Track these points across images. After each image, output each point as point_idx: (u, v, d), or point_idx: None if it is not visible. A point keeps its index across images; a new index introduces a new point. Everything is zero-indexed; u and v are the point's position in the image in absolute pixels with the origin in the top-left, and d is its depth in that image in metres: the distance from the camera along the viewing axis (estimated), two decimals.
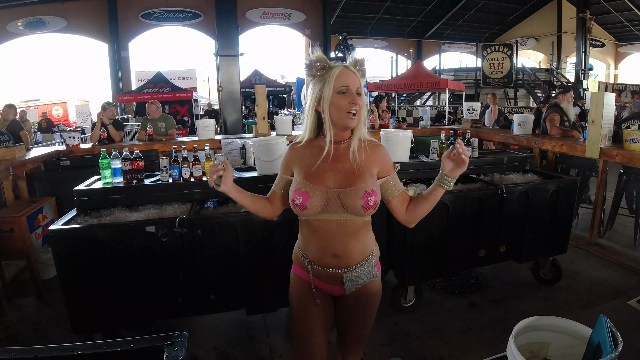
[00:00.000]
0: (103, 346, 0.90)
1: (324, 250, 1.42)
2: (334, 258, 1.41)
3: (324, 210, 1.37)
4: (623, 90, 13.56)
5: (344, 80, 1.34)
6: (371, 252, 1.48)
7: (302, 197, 1.36)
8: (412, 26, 19.91)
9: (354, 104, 1.33)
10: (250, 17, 15.26)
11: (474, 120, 6.22)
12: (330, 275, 1.43)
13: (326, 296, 1.51)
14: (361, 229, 1.43)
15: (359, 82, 1.36)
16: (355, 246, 1.42)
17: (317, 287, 1.47)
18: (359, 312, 1.51)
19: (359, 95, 1.35)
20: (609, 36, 20.42)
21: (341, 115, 1.35)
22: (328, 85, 1.34)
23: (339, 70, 1.35)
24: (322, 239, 1.41)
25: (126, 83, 14.59)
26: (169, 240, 2.28)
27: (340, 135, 1.41)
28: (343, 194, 1.35)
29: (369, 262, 1.45)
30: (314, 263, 1.44)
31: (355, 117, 1.35)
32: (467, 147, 3.21)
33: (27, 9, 13.21)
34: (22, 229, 3.10)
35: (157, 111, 5.49)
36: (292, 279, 1.55)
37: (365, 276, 1.45)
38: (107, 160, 2.55)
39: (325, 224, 1.39)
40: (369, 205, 1.36)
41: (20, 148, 4.05)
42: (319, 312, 1.48)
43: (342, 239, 1.40)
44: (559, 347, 1.10)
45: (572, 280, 3.35)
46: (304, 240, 1.47)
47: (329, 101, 1.35)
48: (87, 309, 2.26)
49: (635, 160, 3.56)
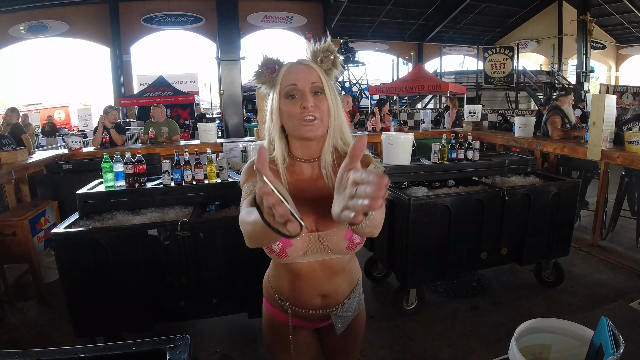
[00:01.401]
0: (105, 349, 0.91)
1: (308, 293, 1.18)
2: (321, 298, 1.19)
3: (306, 254, 1.10)
4: (624, 92, 13.54)
5: (290, 79, 1.04)
6: (357, 280, 1.28)
7: (282, 243, 1.06)
8: (413, 29, 19.94)
9: (306, 107, 1.02)
10: (252, 21, 15.32)
11: (475, 123, 6.23)
12: (315, 317, 1.22)
13: (307, 332, 1.32)
14: (348, 262, 1.21)
15: (316, 76, 1.05)
16: (343, 282, 1.21)
17: (296, 327, 1.25)
18: (348, 343, 1.35)
19: (317, 95, 1.04)
20: (610, 38, 20.41)
21: (294, 125, 1.05)
22: (276, 90, 1.07)
23: (285, 68, 1.07)
24: (305, 282, 1.16)
25: (128, 87, 14.65)
26: (171, 243, 2.28)
27: (308, 150, 1.11)
28: (325, 237, 1.08)
29: (356, 291, 1.26)
30: (294, 306, 1.20)
31: (313, 122, 1.03)
32: (469, 149, 3.25)
33: (29, 13, 13.29)
34: (25, 233, 3.11)
35: (162, 115, 5.52)
36: (265, 317, 1.32)
37: (353, 308, 1.26)
38: (109, 163, 2.56)
39: (308, 265, 1.14)
40: (355, 244, 1.11)
41: (22, 152, 4.07)
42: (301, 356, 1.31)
43: (328, 279, 1.17)
44: (560, 349, 1.10)
45: (575, 283, 3.34)
46: (280, 283, 1.21)
47: (277, 110, 1.07)
48: (89, 312, 2.26)
49: (637, 162, 3.56)
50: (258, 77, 1.10)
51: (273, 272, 1.25)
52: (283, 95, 1.05)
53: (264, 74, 1.08)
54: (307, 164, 1.12)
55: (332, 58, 1.09)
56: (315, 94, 1.04)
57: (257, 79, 1.10)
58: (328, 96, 1.06)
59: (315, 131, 1.04)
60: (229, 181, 2.69)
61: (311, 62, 1.07)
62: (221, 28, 9.07)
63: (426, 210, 2.69)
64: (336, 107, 1.08)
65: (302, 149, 1.11)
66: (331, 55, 1.09)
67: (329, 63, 1.09)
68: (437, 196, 2.79)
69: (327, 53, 1.09)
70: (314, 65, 1.07)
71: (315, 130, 1.04)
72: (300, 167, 1.12)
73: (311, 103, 1.02)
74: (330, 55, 1.09)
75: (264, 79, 1.09)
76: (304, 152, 1.12)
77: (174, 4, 14.47)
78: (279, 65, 1.08)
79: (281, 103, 1.06)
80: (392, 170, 2.98)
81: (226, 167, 2.80)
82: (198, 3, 14.45)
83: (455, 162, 3.23)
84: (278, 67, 1.08)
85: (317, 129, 1.05)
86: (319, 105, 1.04)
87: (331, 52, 1.09)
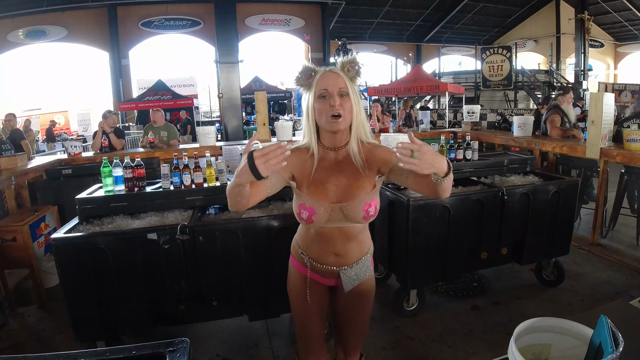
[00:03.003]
0: (105, 353, 0.91)
1: (324, 251, 1.48)
2: (334, 257, 1.47)
3: (328, 220, 1.40)
4: (623, 90, 13.56)
5: (323, 84, 1.33)
6: (367, 250, 1.54)
7: (308, 211, 1.38)
8: (411, 30, 19.99)
9: (333, 106, 1.30)
10: (250, 23, 15.33)
11: (473, 123, 6.23)
12: (328, 272, 1.50)
13: (321, 286, 1.57)
14: (361, 232, 1.49)
15: (343, 82, 1.33)
16: (355, 248, 1.48)
17: (312, 280, 1.53)
18: (356, 307, 1.58)
19: (342, 97, 1.32)
20: (608, 36, 20.45)
21: (324, 120, 1.33)
22: (311, 92, 1.35)
23: (319, 75, 1.35)
24: (323, 242, 1.47)
25: (127, 91, 14.65)
26: (170, 247, 2.28)
27: (334, 140, 1.40)
28: (345, 208, 1.38)
29: (364, 259, 1.51)
30: (313, 261, 1.50)
31: (339, 119, 1.32)
32: (467, 149, 3.25)
33: (27, 18, 13.30)
34: (25, 238, 3.11)
35: (162, 119, 5.52)
36: (290, 270, 1.61)
37: (362, 273, 1.51)
38: (109, 168, 2.56)
39: (328, 230, 1.44)
40: (369, 215, 1.40)
41: (22, 157, 4.08)
42: (314, 304, 1.57)
43: (342, 242, 1.46)
44: (560, 349, 1.10)
45: (575, 282, 3.34)
46: (305, 241, 1.52)
47: (312, 108, 1.36)
48: (89, 317, 2.26)
49: (636, 159, 3.56)
50: (297, 81, 1.38)
51: (300, 234, 1.56)
52: (317, 96, 1.34)
53: (302, 79, 1.37)
54: (333, 151, 1.42)
55: (356, 69, 1.37)
56: (341, 96, 1.32)
57: (296, 82, 1.38)
58: (352, 98, 1.34)
59: (339, 126, 1.33)
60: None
61: (339, 71, 1.36)
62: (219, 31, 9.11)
63: (426, 211, 2.69)
64: (358, 107, 1.37)
65: (330, 139, 1.41)
66: (355, 66, 1.37)
67: (353, 72, 1.37)
68: None
69: (352, 64, 1.36)
70: (341, 74, 1.35)
71: (339, 125, 1.33)
72: (328, 153, 1.42)
73: (338, 102, 1.31)
74: (355, 66, 1.37)
75: (302, 82, 1.37)
76: (331, 141, 1.41)
77: (172, 8, 14.49)
78: (314, 72, 1.37)
79: (315, 102, 1.35)
80: None
81: (225, 170, 2.80)
82: (196, 7, 14.46)
83: (454, 162, 3.23)
84: (314, 74, 1.36)
85: (341, 124, 1.33)
86: (344, 105, 1.32)
87: (355, 64, 1.37)
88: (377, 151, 1.42)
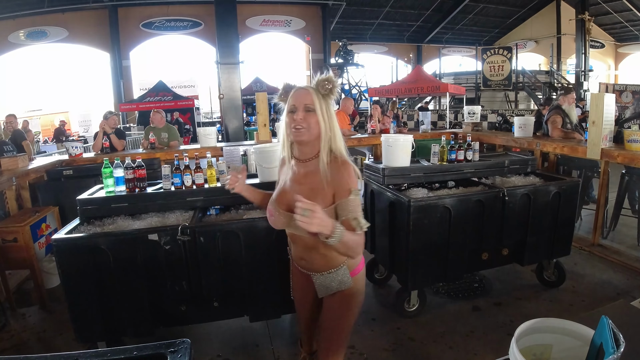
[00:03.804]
0: (107, 354, 0.91)
1: (295, 253, 1.61)
2: (303, 261, 1.58)
3: (288, 226, 1.49)
4: (624, 90, 13.53)
5: (292, 100, 1.43)
6: (340, 264, 1.51)
7: (269, 213, 1.52)
8: (412, 31, 20.01)
9: (296, 120, 1.39)
10: (251, 24, 15.37)
11: (474, 124, 6.23)
12: (303, 272, 1.61)
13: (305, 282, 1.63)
14: (322, 246, 1.42)
15: (310, 98, 1.40)
16: (318, 258, 1.51)
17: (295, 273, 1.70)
18: (330, 313, 1.60)
19: (308, 112, 1.40)
20: (609, 37, 20.46)
21: (289, 131, 1.44)
22: (285, 107, 1.47)
23: (292, 92, 1.45)
24: (293, 245, 1.60)
25: (128, 92, 14.69)
26: (171, 248, 2.28)
27: (301, 152, 1.49)
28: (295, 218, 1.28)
29: (338, 272, 1.51)
30: (292, 258, 1.67)
31: (301, 130, 1.40)
32: (468, 150, 3.25)
33: (28, 19, 13.36)
34: (26, 239, 3.12)
35: (162, 120, 5.53)
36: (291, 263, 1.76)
37: (335, 285, 1.53)
38: (110, 169, 2.56)
39: (291, 234, 1.57)
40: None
41: (23, 158, 4.08)
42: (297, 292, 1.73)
43: (305, 249, 1.54)
44: (561, 349, 1.10)
45: (576, 282, 3.34)
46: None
47: (284, 122, 1.47)
48: (90, 318, 2.26)
49: (637, 160, 3.56)
50: (279, 97, 1.51)
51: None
52: (288, 111, 1.45)
53: (282, 95, 1.50)
54: (302, 162, 1.49)
55: (329, 87, 1.43)
56: (307, 111, 1.40)
57: (277, 99, 1.52)
58: (319, 114, 1.41)
59: (300, 137, 1.42)
60: None
61: (309, 88, 1.44)
62: (220, 32, 9.10)
63: (426, 212, 2.69)
64: (329, 122, 1.43)
65: (298, 151, 1.50)
66: (328, 84, 1.43)
67: (326, 90, 1.43)
68: (437, 197, 2.79)
69: (324, 82, 1.43)
70: (311, 90, 1.42)
71: (300, 136, 1.42)
72: (299, 164, 1.50)
73: (301, 116, 1.40)
74: (327, 85, 1.43)
75: (282, 99, 1.50)
76: (299, 153, 1.50)
77: (172, 9, 14.53)
78: (291, 89, 1.47)
79: (286, 116, 1.45)
80: (392, 172, 2.99)
81: (226, 171, 2.80)
82: (197, 8, 14.50)
83: (455, 163, 3.22)
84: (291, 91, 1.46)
85: (302, 136, 1.42)
86: (308, 119, 1.40)
87: (329, 82, 1.43)
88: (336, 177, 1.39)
